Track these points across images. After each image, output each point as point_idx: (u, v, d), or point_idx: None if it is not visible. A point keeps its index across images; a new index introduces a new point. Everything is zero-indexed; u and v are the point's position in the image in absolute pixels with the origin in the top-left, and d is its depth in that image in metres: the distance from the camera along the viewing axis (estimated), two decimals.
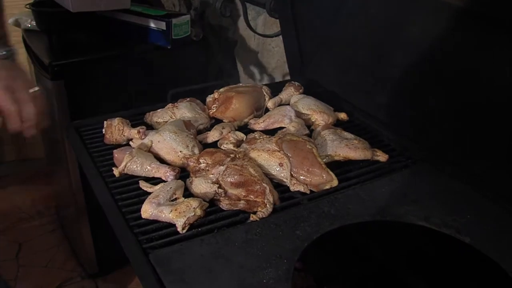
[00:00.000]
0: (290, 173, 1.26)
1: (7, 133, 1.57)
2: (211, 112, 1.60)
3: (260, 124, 1.53)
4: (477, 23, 1.23)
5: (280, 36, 2.11)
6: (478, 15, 1.21)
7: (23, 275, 2.83)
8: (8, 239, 3.09)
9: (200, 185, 1.22)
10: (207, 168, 1.26)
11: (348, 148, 1.36)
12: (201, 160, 1.29)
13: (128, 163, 1.30)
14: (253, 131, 1.50)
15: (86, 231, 2.58)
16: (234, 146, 1.38)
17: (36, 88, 1.35)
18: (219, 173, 1.23)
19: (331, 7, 1.69)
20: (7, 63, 1.38)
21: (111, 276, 2.83)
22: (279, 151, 1.29)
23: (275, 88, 1.76)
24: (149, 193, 1.22)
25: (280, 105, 1.65)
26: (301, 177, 1.27)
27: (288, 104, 1.64)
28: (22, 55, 2.83)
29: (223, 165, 1.24)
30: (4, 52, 1.57)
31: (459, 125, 1.34)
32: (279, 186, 1.27)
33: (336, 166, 1.35)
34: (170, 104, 1.59)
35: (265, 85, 1.75)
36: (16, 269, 2.87)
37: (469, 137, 1.32)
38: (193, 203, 1.13)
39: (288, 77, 2.18)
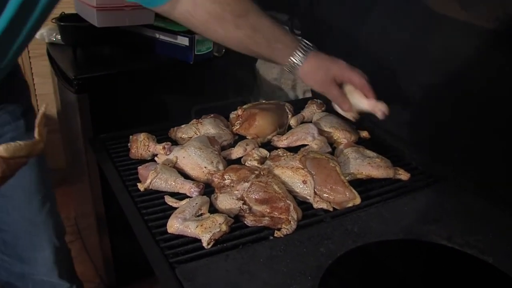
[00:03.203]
0: (314, 190, 1.28)
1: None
2: (234, 129, 1.62)
3: (283, 141, 1.54)
4: (501, 42, 1.24)
5: None
6: (504, 35, 1.22)
7: None
8: None
9: (225, 201, 1.24)
10: (232, 185, 1.28)
11: (371, 167, 1.38)
12: (226, 176, 1.31)
13: (153, 180, 1.32)
14: (276, 148, 1.52)
15: (105, 242, 2.60)
16: (258, 163, 1.40)
17: None
18: (244, 190, 1.25)
19: (353, 25, 1.71)
20: None
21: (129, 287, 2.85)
22: (302, 169, 1.30)
23: (297, 105, 1.78)
24: (175, 208, 1.24)
25: (302, 122, 1.67)
26: (325, 195, 1.28)
27: (311, 122, 1.66)
28: (46, 68, 2.88)
29: (247, 182, 1.26)
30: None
31: (481, 143, 1.35)
32: (302, 204, 1.28)
33: (358, 184, 1.36)
34: (195, 120, 1.61)
35: (288, 102, 1.77)
36: None
37: (491, 156, 1.32)
38: (219, 219, 1.15)
39: (308, 94, 2.20)
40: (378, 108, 1.37)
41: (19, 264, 1.75)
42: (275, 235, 1.16)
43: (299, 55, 1.38)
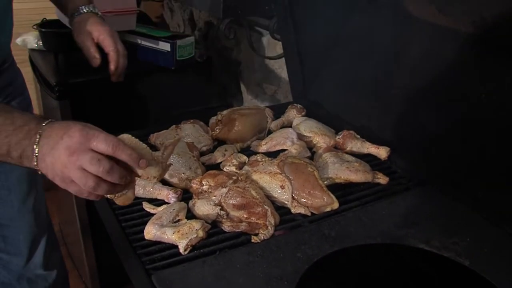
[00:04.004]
0: (292, 195, 1.28)
1: None
2: (214, 134, 1.61)
3: (262, 146, 1.54)
4: (479, 47, 1.24)
5: (283, 58, 2.14)
6: (480, 39, 1.22)
7: None
8: None
9: (203, 207, 1.23)
10: (210, 190, 1.28)
11: (349, 171, 1.38)
12: (203, 182, 1.30)
13: None
14: (256, 153, 1.52)
15: (88, 249, 2.59)
16: (236, 168, 1.40)
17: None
18: (222, 195, 1.24)
19: (333, 29, 1.71)
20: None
21: None
22: (280, 174, 1.30)
23: (278, 110, 1.78)
24: (153, 215, 1.23)
25: (282, 127, 1.67)
26: (302, 200, 1.28)
27: (290, 127, 1.66)
28: (28, 75, 2.86)
29: (225, 187, 1.26)
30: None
31: (460, 147, 1.35)
32: (280, 209, 1.28)
33: (337, 188, 1.36)
34: (174, 125, 1.60)
35: (268, 107, 1.77)
36: None
37: (470, 160, 1.33)
38: (196, 225, 1.15)
39: (291, 99, 2.20)
40: None
41: (16, 261, 1.76)
42: (252, 240, 1.16)
43: (79, 11, 1.66)
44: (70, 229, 2.88)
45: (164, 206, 1.25)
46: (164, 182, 1.36)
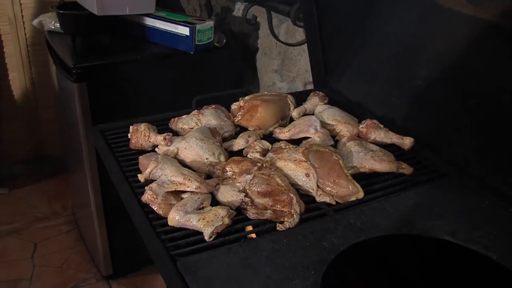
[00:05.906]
0: (317, 183, 1.26)
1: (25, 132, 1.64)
2: (236, 120, 1.60)
3: (285, 134, 1.53)
4: (503, 37, 1.22)
5: (302, 45, 2.12)
6: (504, 29, 1.20)
7: (38, 275, 2.85)
8: (23, 239, 3.11)
9: (227, 193, 1.22)
10: (234, 177, 1.26)
11: (374, 160, 1.36)
12: (227, 168, 1.29)
13: (153, 170, 1.30)
14: (278, 140, 1.50)
15: (102, 233, 2.59)
16: (260, 155, 1.38)
17: None
18: (246, 182, 1.23)
19: (356, 18, 1.69)
20: None
21: (125, 278, 2.84)
22: (305, 162, 1.29)
23: (299, 97, 1.76)
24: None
25: (304, 114, 1.65)
26: (327, 188, 1.27)
27: (313, 114, 1.64)
28: (44, 56, 2.85)
29: (250, 174, 1.24)
30: None
31: (485, 139, 1.34)
32: (305, 197, 1.27)
33: (361, 178, 1.34)
34: (196, 110, 1.59)
35: (290, 94, 1.75)
36: (31, 269, 2.88)
37: (494, 152, 1.31)
38: (221, 211, 1.13)
39: (309, 86, 2.18)
40: None
41: None
42: (278, 228, 1.14)
43: None
44: (83, 212, 2.89)
45: (189, 194, 1.23)
46: (186, 167, 1.35)
